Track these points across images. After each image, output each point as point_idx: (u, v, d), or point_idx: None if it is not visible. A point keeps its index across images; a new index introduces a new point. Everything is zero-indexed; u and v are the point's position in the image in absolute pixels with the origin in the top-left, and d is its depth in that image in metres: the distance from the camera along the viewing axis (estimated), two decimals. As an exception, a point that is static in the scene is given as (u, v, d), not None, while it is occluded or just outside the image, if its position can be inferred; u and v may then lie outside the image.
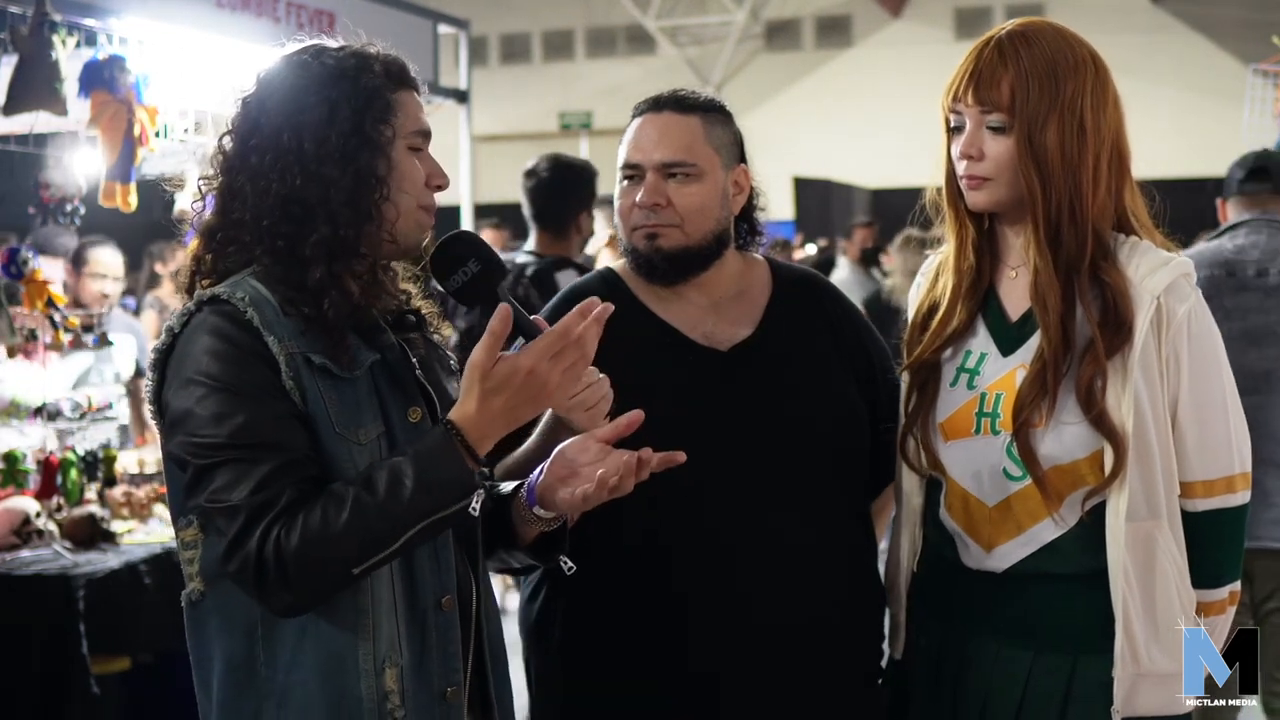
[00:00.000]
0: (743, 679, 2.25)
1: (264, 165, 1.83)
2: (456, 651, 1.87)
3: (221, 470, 1.72)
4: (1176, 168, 12.58)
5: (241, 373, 1.75)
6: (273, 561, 1.68)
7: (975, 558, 2.19)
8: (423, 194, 1.91)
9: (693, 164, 2.32)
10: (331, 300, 1.80)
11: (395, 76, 1.90)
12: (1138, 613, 2.07)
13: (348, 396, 1.81)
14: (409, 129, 1.89)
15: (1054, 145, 2.07)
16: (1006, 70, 2.08)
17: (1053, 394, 2.08)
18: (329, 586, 1.73)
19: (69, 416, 4.49)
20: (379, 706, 1.79)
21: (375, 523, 1.70)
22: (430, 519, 1.72)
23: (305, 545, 1.68)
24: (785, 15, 18.78)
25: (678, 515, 2.24)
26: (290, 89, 1.86)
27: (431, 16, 6.54)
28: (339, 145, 1.82)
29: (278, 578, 1.69)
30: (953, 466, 2.20)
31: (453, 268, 1.87)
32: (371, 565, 1.72)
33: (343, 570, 1.71)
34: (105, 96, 4.21)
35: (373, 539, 1.70)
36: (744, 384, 2.33)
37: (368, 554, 1.71)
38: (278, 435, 1.74)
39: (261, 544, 1.69)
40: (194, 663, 1.87)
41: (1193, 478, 2.11)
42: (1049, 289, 2.09)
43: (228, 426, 1.72)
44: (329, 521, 1.69)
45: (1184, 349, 2.08)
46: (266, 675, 1.79)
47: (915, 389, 2.26)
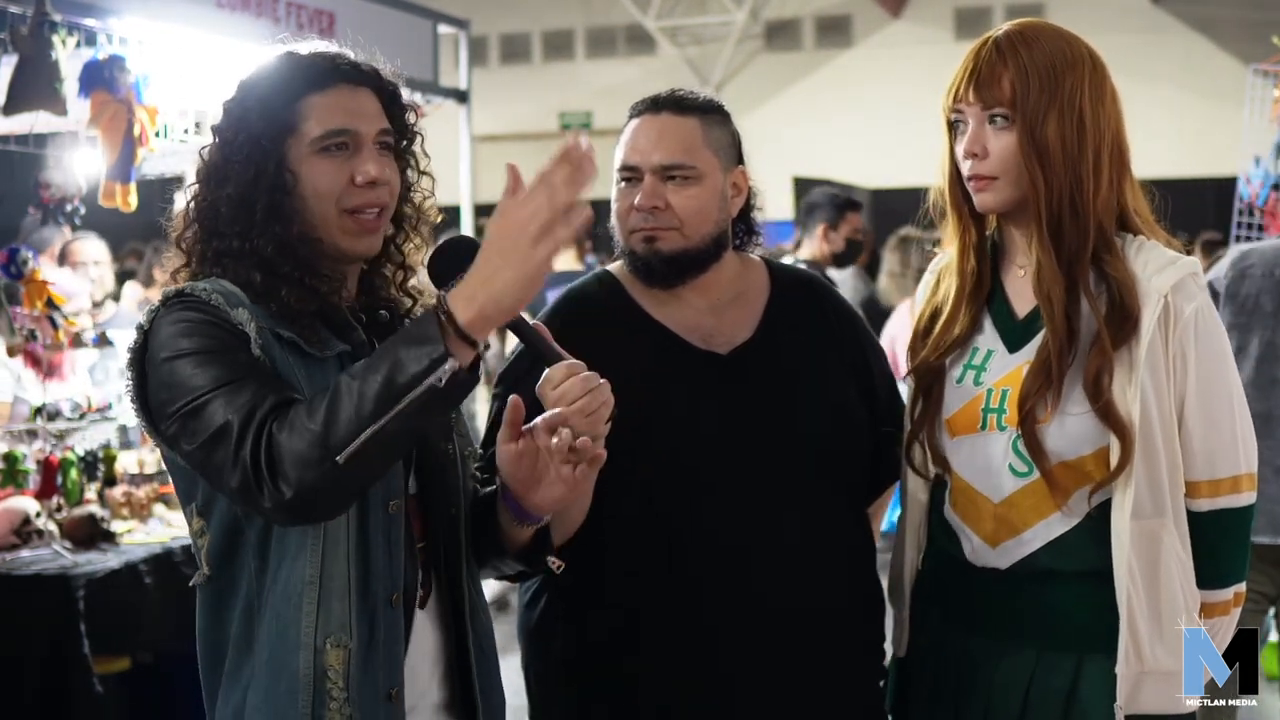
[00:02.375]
0: (745, 678, 2.25)
1: (205, 181, 1.88)
2: (399, 653, 1.86)
3: (208, 408, 1.72)
4: (1176, 168, 12.58)
5: (212, 339, 1.77)
6: (265, 458, 1.67)
7: (979, 554, 2.19)
8: (345, 196, 1.86)
9: (691, 166, 2.31)
10: (287, 296, 1.82)
11: (304, 81, 1.86)
12: (1142, 611, 2.07)
13: (317, 375, 1.82)
14: (314, 134, 1.84)
15: (1054, 139, 2.08)
16: (1006, 67, 2.10)
17: (1057, 385, 2.08)
18: (317, 476, 1.67)
19: (69, 416, 4.49)
20: (316, 683, 1.79)
21: (351, 402, 1.67)
22: (402, 399, 1.66)
23: (292, 434, 1.67)
24: (785, 15, 18.75)
25: (678, 517, 2.24)
26: (228, 105, 1.89)
27: (431, 16, 6.54)
28: (240, 156, 1.84)
29: (272, 475, 1.67)
30: (958, 462, 2.21)
31: (449, 274, 1.86)
32: (355, 452, 1.66)
33: (328, 457, 1.66)
34: (105, 96, 4.21)
35: (350, 421, 1.66)
36: (743, 387, 2.32)
37: (346, 437, 1.66)
38: (258, 373, 1.76)
39: (256, 444, 1.68)
40: (204, 648, 1.89)
41: (1198, 477, 2.11)
42: (1052, 281, 2.10)
43: (208, 375, 1.74)
44: (314, 408, 1.68)
45: (1191, 348, 2.08)
46: (256, 650, 1.82)
47: (920, 394, 2.26)
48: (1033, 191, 2.10)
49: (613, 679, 2.29)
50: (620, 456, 1.99)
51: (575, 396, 1.91)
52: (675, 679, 2.25)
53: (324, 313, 1.87)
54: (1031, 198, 2.11)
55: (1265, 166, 5.77)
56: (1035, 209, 2.11)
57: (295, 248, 1.84)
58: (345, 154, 1.86)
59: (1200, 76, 16.28)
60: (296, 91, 1.85)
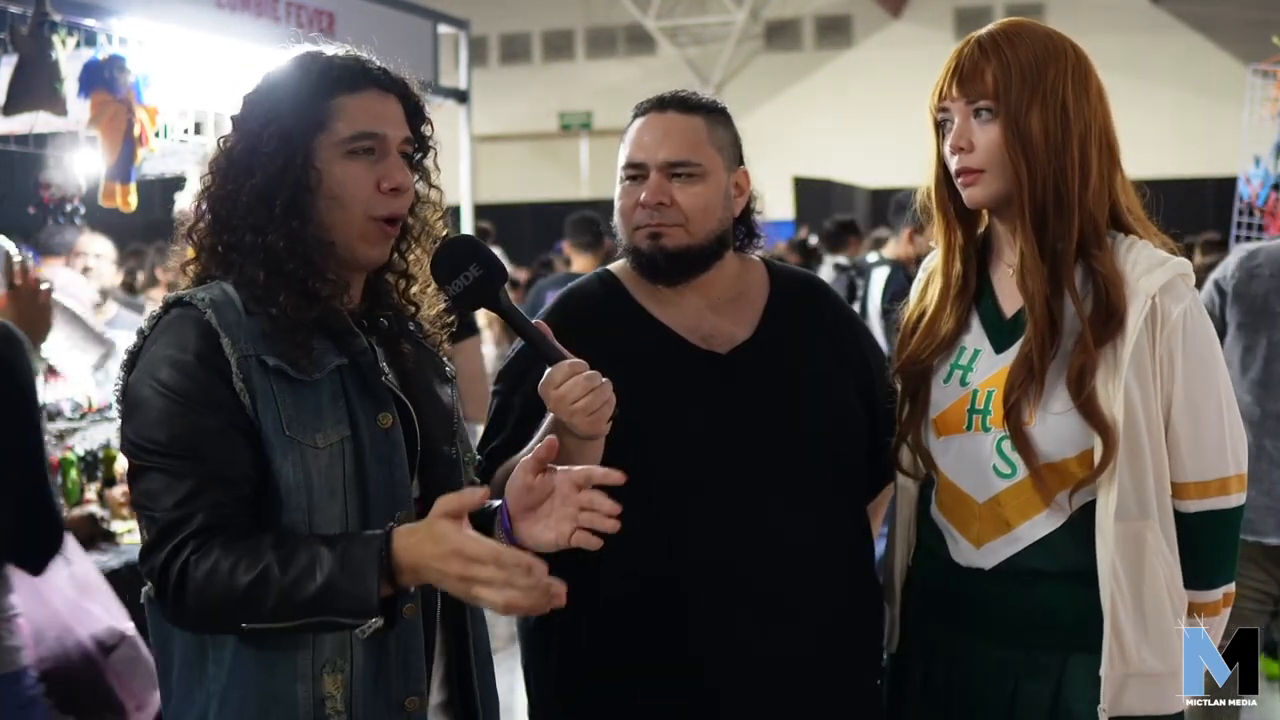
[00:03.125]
0: (744, 677, 2.25)
1: (223, 174, 1.86)
2: (418, 661, 1.86)
3: (151, 475, 1.76)
4: (1176, 168, 12.59)
5: (192, 383, 1.77)
6: (174, 582, 1.72)
7: (965, 554, 2.19)
8: (372, 203, 1.86)
9: (697, 163, 2.31)
10: (285, 302, 1.81)
11: (337, 80, 1.86)
12: (1127, 612, 2.07)
13: (306, 400, 1.80)
14: (344, 135, 1.84)
15: (1038, 129, 2.09)
16: (989, 61, 2.11)
17: (1039, 380, 2.09)
18: (219, 627, 1.77)
19: (69, 416, 4.49)
20: (315, 710, 1.79)
21: (272, 599, 1.70)
22: (320, 618, 1.72)
23: (207, 584, 1.71)
24: (785, 15, 18.78)
25: (677, 516, 2.25)
26: (252, 98, 1.88)
27: (431, 16, 6.53)
28: (265, 154, 1.83)
29: (175, 598, 1.73)
30: (944, 463, 2.21)
31: (453, 273, 1.85)
32: (261, 630, 1.73)
33: (234, 621, 1.73)
34: (105, 96, 4.21)
35: (265, 611, 1.71)
36: (743, 386, 2.32)
37: (260, 619, 1.72)
38: (214, 449, 1.76)
39: (169, 561, 1.73)
40: (156, 660, 1.90)
41: (1186, 479, 2.11)
42: (1034, 273, 2.11)
43: (165, 432, 1.75)
44: (235, 576, 1.70)
45: (1179, 349, 2.08)
46: (214, 674, 1.80)
47: (907, 397, 2.26)
48: (1016, 183, 2.11)
49: (612, 678, 2.29)
50: (620, 455, 1.99)
51: (577, 396, 1.90)
52: (674, 677, 2.25)
53: (324, 320, 1.85)
54: (1015, 189, 2.11)
55: (1265, 166, 5.77)
56: (1019, 201, 2.11)
57: (306, 248, 1.83)
58: (371, 159, 1.86)
59: (1200, 76, 16.30)
60: (329, 90, 1.85)
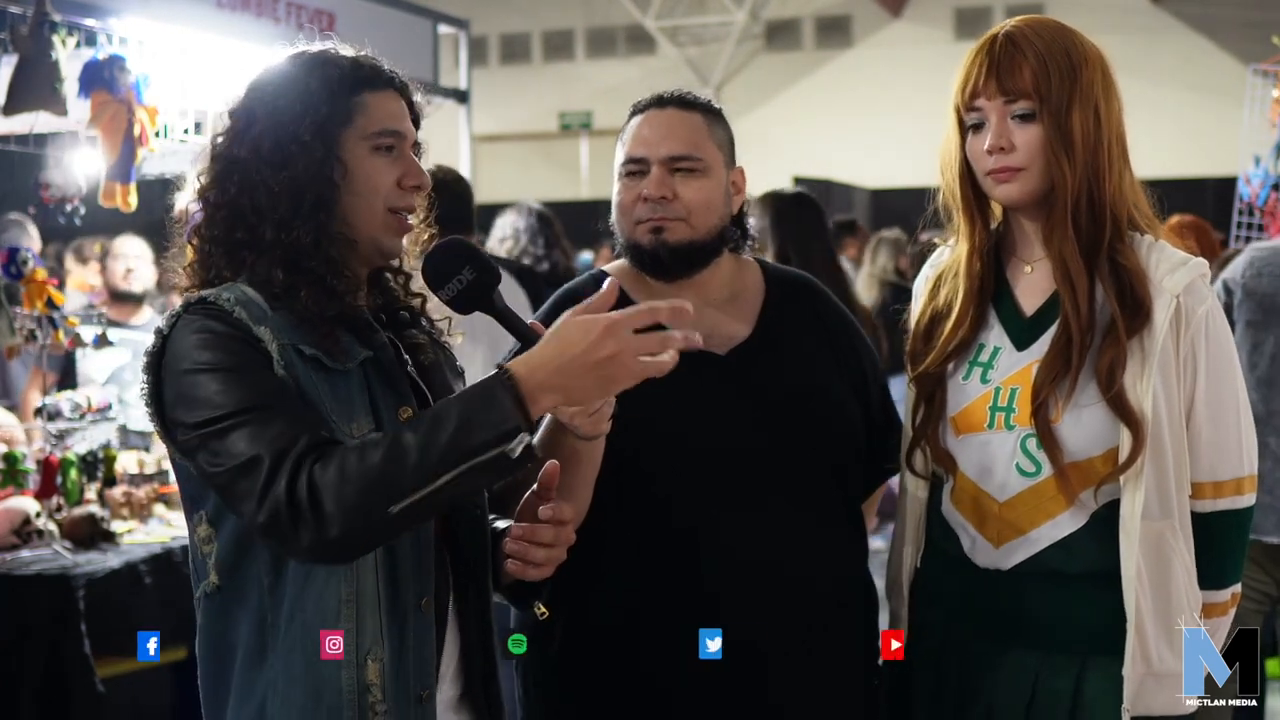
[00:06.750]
0: (741, 675, 2.25)
1: (235, 170, 1.85)
2: (431, 655, 1.86)
3: (234, 434, 1.71)
4: (1176, 168, 12.58)
5: (236, 356, 1.75)
6: (306, 498, 1.64)
7: (983, 554, 2.18)
8: (392, 196, 1.88)
9: (699, 158, 2.32)
10: (306, 298, 1.81)
11: (362, 77, 1.88)
12: (1150, 612, 2.07)
13: (340, 389, 1.81)
14: (370, 130, 1.87)
15: (1078, 129, 2.10)
16: (1026, 58, 2.10)
17: (1074, 375, 2.08)
18: (365, 525, 1.66)
19: (69, 416, 4.49)
20: (359, 699, 1.79)
21: (411, 460, 1.65)
22: (469, 462, 1.66)
23: (341, 480, 1.64)
24: (785, 15, 18.75)
25: (676, 516, 2.24)
26: (260, 93, 1.88)
27: (431, 16, 6.54)
28: (287, 148, 1.83)
29: (314, 516, 1.64)
30: (963, 461, 2.20)
31: (446, 277, 1.85)
32: (410, 506, 1.65)
33: (381, 507, 1.65)
34: (105, 96, 4.21)
35: (412, 475, 1.65)
36: (742, 386, 2.32)
37: (406, 491, 1.65)
38: (284, 400, 1.74)
39: (293, 482, 1.65)
40: (208, 655, 1.86)
41: (1203, 478, 2.12)
42: (1078, 272, 2.10)
43: (233, 397, 1.73)
44: (366, 457, 1.66)
45: (1201, 349, 2.09)
46: (271, 662, 1.80)
47: (923, 401, 2.25)
48: (1061, 181, 2.11)
49: (610, 676, 2.29)
50: (620, 456, 1.99)
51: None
52: (671, 676, 2.25)
53: (345, 316, 1.86)
54: (1059, 188, 2.11)
55: (1265, 166, 5.78)
56: (1061, 200, 2.11)
57: (329, 244, 1.84)
58: (391, 155, 1.89)
59: (1200, 76, 16.29)
60: (355, 86, 1.87)
